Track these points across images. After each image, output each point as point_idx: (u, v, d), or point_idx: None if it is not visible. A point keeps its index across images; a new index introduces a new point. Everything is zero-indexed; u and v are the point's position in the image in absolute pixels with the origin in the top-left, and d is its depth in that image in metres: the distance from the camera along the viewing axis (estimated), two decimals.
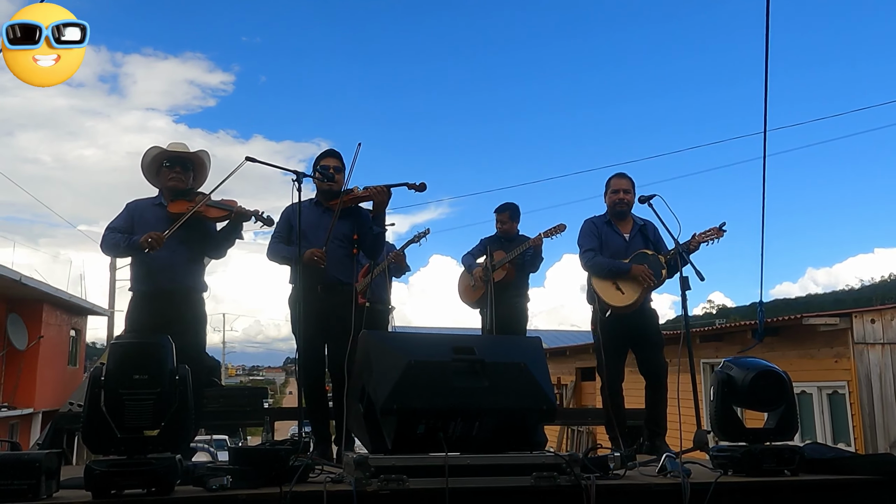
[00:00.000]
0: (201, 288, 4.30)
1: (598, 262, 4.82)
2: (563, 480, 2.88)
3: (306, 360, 4.25)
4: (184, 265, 4.17)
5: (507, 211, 6.05)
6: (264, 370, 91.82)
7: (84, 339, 22.27)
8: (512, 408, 3.06)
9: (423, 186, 4.23)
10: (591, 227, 4.97)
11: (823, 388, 9.94)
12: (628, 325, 4.72)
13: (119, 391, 2.70)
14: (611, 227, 4.96)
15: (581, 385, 16.68)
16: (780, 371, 3.50)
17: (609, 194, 4.97)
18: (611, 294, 4.75)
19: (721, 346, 11.23)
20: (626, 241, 4.90)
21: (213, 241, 4.31)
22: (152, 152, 4.28)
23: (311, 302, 4.18)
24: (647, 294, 4.74)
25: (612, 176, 5.01)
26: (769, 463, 3.30)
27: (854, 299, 57.58)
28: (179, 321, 4.02)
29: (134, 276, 4.22)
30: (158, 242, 3.97)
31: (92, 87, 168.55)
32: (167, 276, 4.11)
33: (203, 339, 4.35)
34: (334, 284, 4.31)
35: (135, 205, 4.29)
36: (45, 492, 2.64)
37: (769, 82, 5.82)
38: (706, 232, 4.66)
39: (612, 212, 4.98)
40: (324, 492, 2.68)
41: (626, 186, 4.91)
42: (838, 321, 9.59)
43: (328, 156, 4.55)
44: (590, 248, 4.89)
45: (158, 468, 2.68)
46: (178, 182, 4.24)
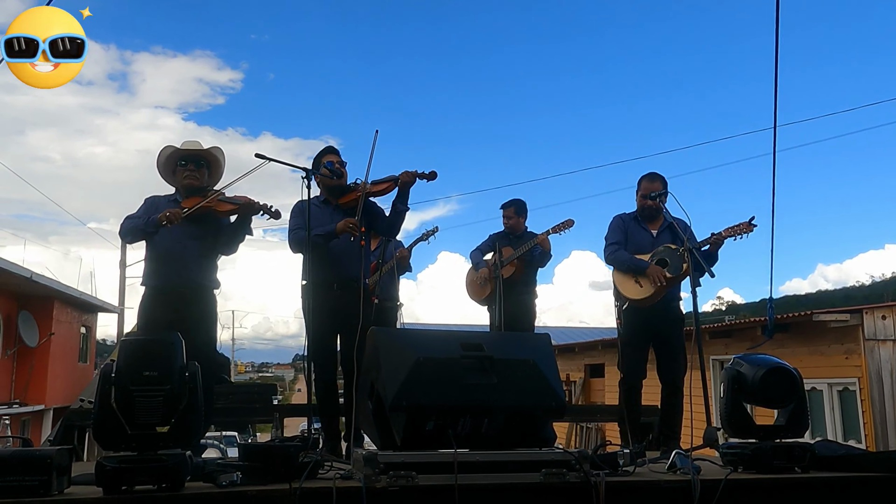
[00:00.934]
0: (213, 285, 4.32)
1: (619, 257, 4.83)
2: (573, 477, 2.88)
3: (318, 356, 4.27)
4: (195, 260, 4.20)
5: (512, 206, 6.05)
6: (273, 367, 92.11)
7: (94, 336, 22.40)
8: (521, 404, 3.06)
9: (434, 175, 4.29)
10: (618, 223, 4.98)
11: (834, 384, 9.90)
12: (650, 321, 4.71)
13: (129, 388, 2.71)
14: (638, 223, 4.95)
15: (590, 382, 16.66)
16: (790, 367, 3.48)
17: (639, 196, 4.94)
18: (629, 287, 4.75)
19: (731, 343, 11.19)
20: (652, 237, 4.88)
21: (224, 237, 4.33)
22: (166, 152, 4.32)
23: (325, 299, 4.21)
24: (670, 287, 4.69)
25: (643, 177, 4.95)
26: (779, 460, 3.28)
27: (865, 295, 57.21)
28: (191, 317, 4.05)
29: (147, 271, 4.25)
30: (176, 217, 4.01)
31: (101, 85, 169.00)
32: (179, 271, 4.14)
33: (214, 335, 4.37)
34: (349, 281, 4.32)
35: (152, 199, 4.35)
36: (57, 488, 2.64)
37: (779, 77, 5.78)
38: (734, 227, 4.57)
39: (640, 211, 4.96)
40: (333, 488, 2.68)
41: (657, 190, 4.81)
42: (849, 317, 9.54)
43: (329, 153, 4.54)
44: (613, 241, 4.89)
45: (169, 464, 2.68)
46: (192, 180, 4.27)
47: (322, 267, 4.25)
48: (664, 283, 4.59)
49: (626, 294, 4.75)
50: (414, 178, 4.29)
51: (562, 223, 5.68)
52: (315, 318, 4.19)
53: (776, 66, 5.65)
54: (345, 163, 4.49)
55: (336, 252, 4.32)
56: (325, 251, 4.29)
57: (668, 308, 4.76)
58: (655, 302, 4.67)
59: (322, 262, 4.25)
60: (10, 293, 15.75)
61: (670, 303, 4.78)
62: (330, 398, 4.47)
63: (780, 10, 5.31)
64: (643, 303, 4.68)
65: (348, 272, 4.33)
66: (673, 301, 4.80)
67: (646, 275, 4.67)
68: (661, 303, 4.70)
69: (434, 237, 6.07)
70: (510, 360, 3.09)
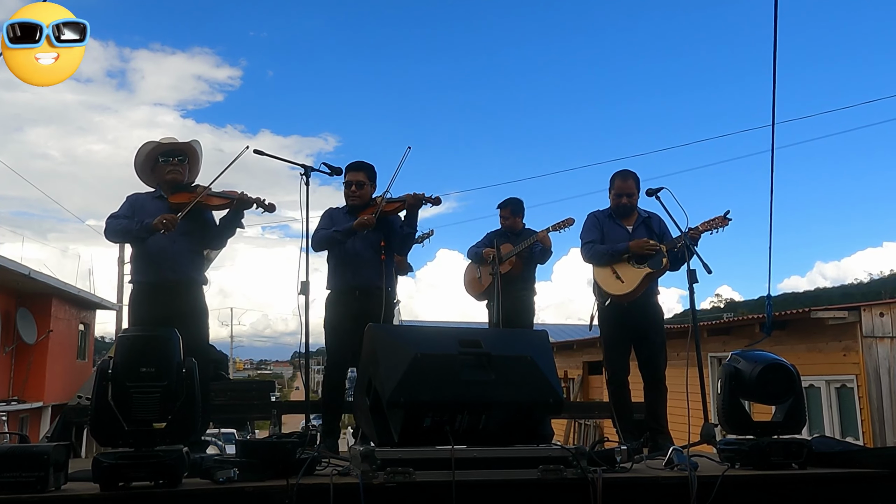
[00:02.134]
0: (202, 280, 4.32)
1: (596, 250, 4.83)
2: (570, 473, 2.88)
3: (336, 355, 4.49)
4: (185, 255, 4.18)
5: (508, 206, 6.04)
6: (272, 364, 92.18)
7: (93, 334, 22.36)
8: (518, 401, 3.06)
9: (438, 200, 4.52)
10: (593, 221, 4.98)
11: (832, 381, 9.90)
12: (630, 317, 4.70)
13: (126, 384, 2.71)
14: (613, 220, 4.95)
15: (588, 379, 16.67)
16: (787, 364, 3.48)
17: (612, 195, 4.94)
18: (610, 282, 4.75)
19: (729, 340, 11.19)
20: (628, 232, 4.88)
21: (214, 231, 4.33)
22: (146, 148, 4.29)
23: (347, 303, 4.46)
24: (649, 283, 4.70)
25: (616, 175, 4.96)
26: (777, 456, 3.29)
27: (863, 293, 57.20)
28: (182, 313, 4.02)
29: (135, 268, 4.23)
30: (173, 224, 3.99)
31: (100, 82, 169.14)
32: (169, 266, 4.11)
33: (206, 331, 4.36)
34: (370, 288, 4.51)
35: (135, 197, 4.30)
36: (54, 484, 2.65)
37: (777, 75, 5.78)
38: (710, 221, 4.62)
39: (614, 209, 4.97)
40: (330, 484, 2.68)
41: (629, 190, 4.87)
42: (847, 315, 9.54)
43: (354, 170, 4.63)
44: (590, 240, 4.90)
45: (166, 460, 2.69)
46: (176, 174, 4.25)
47: (345, 274, 4.51)
48: (656, 249, 4.59)
49: (607, 290, 4.74)
50: (420, 201, 4.49)
51: (562, 221, 5.66)
52: (336, 320, 4.48)
53: (774, 63, 5.67)
54: (365, 182, 4.61)
55: (358, 260, 4.51)
56: (349, 259, 4.51)
57: (647, 304, 4.76)
58: (636, 297, 4.67)
59: (345, 269, 4.51)
60: (8, 290, 15.72)
61: (648, 299, 4.77)
62: (336, 396, 4.57)
63: (777, 7, 5.32)
64: (625, 298, 4.67)
65: (370, 281, 4.51)
66: (651, 297, 4.80)
67: (632, 250, 4.67)
68: (641, 300, 4.70)
69: (429, 240, 6.08)
70: (508, 357, 3.09)
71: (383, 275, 4.54)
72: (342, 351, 4.46)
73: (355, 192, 4.57)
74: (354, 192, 4.57)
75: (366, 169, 4.63)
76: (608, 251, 4.78)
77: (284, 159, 4.38)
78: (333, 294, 4.58)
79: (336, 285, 4.55)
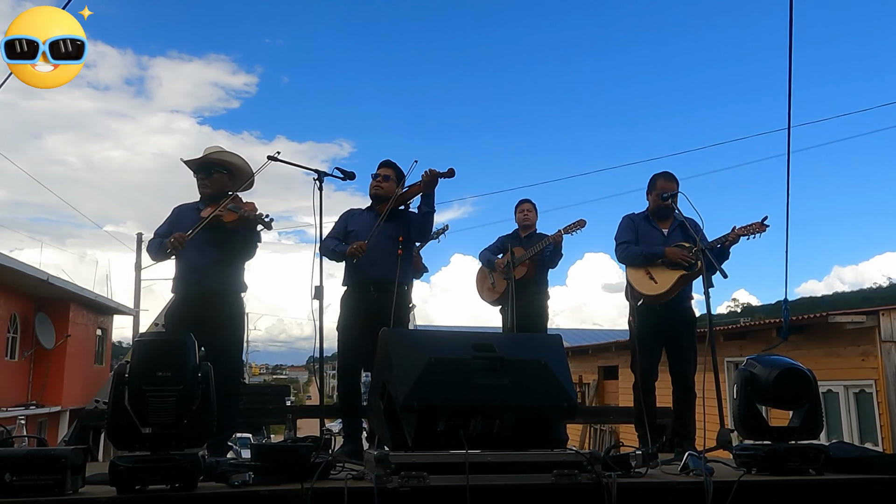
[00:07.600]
0: (238, 289, 4.34)
1: (631, 251, 4.81)
2: (584, 478, 2.87)
3: (349, 357, 4.45)
4: (213, 267, 4.20)
5: (529, 201, 6.13)
6: (287, 369, 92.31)
7: (110, 338, 22.54)
8: (532, 405, 3.05)
9: (452, 172, 4.41)
10: (628, 223, 4.95)
11: (850, 386, 9.79)
12: (662, 320, 4.66)
13: (142, 388, 2.73)
14: (649, 222, 4.91)
15: (603, 384, 16.58)
16: (803, 368, 3.46)
17: (653, 196, 4.87)
18: (643, 283, 4.72)
19: (745, 345, 11.09)
20: (664, 235, 4.84)
21: (238, 243, 4.33)
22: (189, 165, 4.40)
23: (362, 300, 4.42)
24: (683, 286, 4.66)
25: (658, 175, 4.90)
26: (794, 462, 3.26)
27: (881, 297, 56.55)
28: (215, 320, 4.08)
29: (173, 278, 4.32)
30: (180, 242, 4.06)
31: (118, 89, 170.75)
32: (196, 278, 4.18)
33: (240, 337, 4.40)
34: (385, 284, 4.42)
35: (179, 209, 4.43)
36: (71, 487, 2.67)
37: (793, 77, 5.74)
38: (748, 226, 4.54)
39: (653, 211, 4.92)
40: (345, 488, 2.69)
41: (671, 190, 4.78)
42: (865, 319, 9.43)
43: (384, 165, 4.75)
44: (624, 240, 4.87)
45: (182, 464, 2.70)
46: (204, 188, 4.34)
47: (359, 269, 4.45)
48: (691, 260, 4.55)
49: (640, 290, 4.71)
50: (434, 177, 4.43)
51: (574, 223, 5.66)
52: (349, 320, 4.42)
53: (790, 66, 5.62)
54: (391, 177, 4.67)
55: (374, 255, 4.43)
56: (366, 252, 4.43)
57: (680, 308, 4.73)
58: (670, 298, 4.64)
59: (361, 261, 4.42)
60: (27, 295, 15.90)
61: (682, 303, 4.74)
62: (354, 400, 4.54)
63: (793, 9, 5.29)
64: (658, 299, 4.65)
65: (385, 275, 4.43)
66: (685, 301, 4.76)
67: (666, 259, 4.64)
68: (674, 302, 4.67)
69: (444, 235, 6.09)
70: (521, 361, 3.09)
71: (398, 270, 4.48)
72: (352, 354, 4.42)
73: (381, 183, 4.65)
74: (380, 183, 4.65)
75: (395, 168, 4.72)
76: (642, 253, 4.76)
77: (298, 165, 4.40)
78: (349, 290, 4.53)
79: (351, 279, 4.51)
